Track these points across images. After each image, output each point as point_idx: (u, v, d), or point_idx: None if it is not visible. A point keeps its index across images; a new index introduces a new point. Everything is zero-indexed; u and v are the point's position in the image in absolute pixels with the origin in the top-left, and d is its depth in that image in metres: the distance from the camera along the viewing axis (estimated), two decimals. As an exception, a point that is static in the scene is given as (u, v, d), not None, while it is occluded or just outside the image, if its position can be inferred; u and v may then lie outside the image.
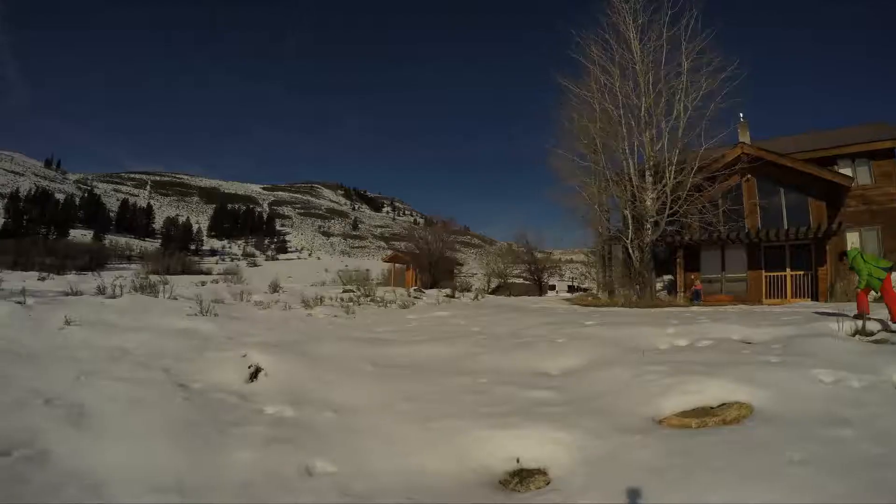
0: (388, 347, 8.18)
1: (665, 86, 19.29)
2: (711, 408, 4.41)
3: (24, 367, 6.62)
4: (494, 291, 37.69)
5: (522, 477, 3.74)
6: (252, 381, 6.58)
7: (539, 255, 43.38)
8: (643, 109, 19.43)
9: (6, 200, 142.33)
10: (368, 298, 17.26)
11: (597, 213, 22.34)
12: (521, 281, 43.49)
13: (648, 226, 19.43)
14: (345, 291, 19.35)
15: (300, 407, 5.45)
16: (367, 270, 37.55)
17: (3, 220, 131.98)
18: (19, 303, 9.97)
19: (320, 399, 5.71)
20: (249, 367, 6.85)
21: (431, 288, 28.70)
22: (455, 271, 41.68)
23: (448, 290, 23.57)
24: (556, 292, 40.77)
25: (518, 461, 3.93)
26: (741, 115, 22.65)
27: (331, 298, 16.36)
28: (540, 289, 40.50)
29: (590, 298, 21.02)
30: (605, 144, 20.90)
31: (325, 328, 10.82)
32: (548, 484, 3.60)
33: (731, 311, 12.19)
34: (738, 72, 18.39)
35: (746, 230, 20.29)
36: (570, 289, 46.63)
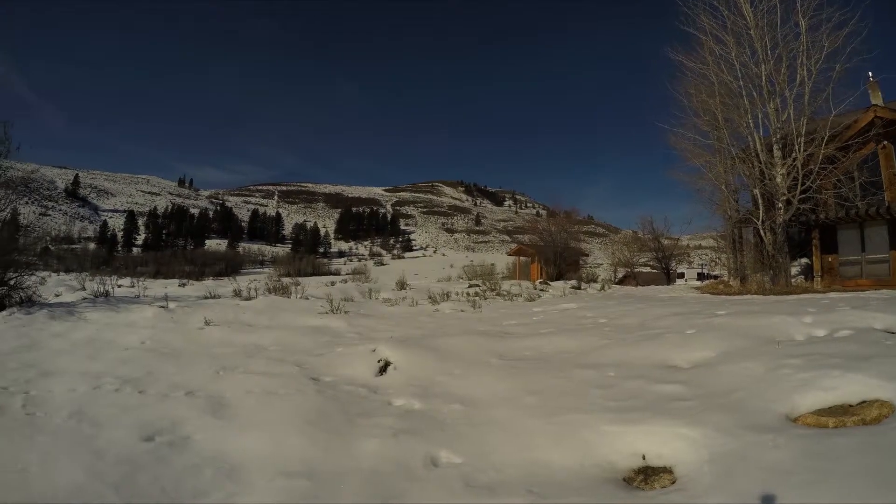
0: (514, 341, 8.17)
1: (784, 49, 17.73)
2: (850, 406, 4.08)
3: (167, 364, 7.11)
4: (621, 281, 37.00)
5: (647, 475, 3.63)
6: (381, 374, 6.77)
7: (666, 242, 41.97)
8: (764, 78, 18.00)
9: (146, 218, 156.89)
10: (494, 292, 17.31)
11: (724, 194, 20.71)
12: (647, 270, 42.46)
13: (780, 205, 17.94)
14: (470, 286, 19.50)
15: (427, 399, 5.54)
16: (492, 265, 37.55)
17: (145, 235, 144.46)
18: (162, 307, 10.72)
19: (447, 392, 5.77)
20: (379, 362, 7.05)
21: (557, 280, 28.49)
22: (580, 262, 40.96)
23: (574, 282, 23.37)
24: (685, 280, 39.50)
25: (644, 458, 3.83)
26: (870, 73, 20.99)
27: (457, 294, 16.51)
28: (668, 277, 39.30)
29: (720, 286, 19.98)
30: (726, 119, 19.49)
31: (452, 323, 10.94)
32: (673, 483, 3.47)
33: (872, 296, 11.35)
34: (860, 25, 16.60)
35: (886, 204, 18.40)
36: (700, 276, 44.96)
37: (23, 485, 3.70)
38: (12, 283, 11.12)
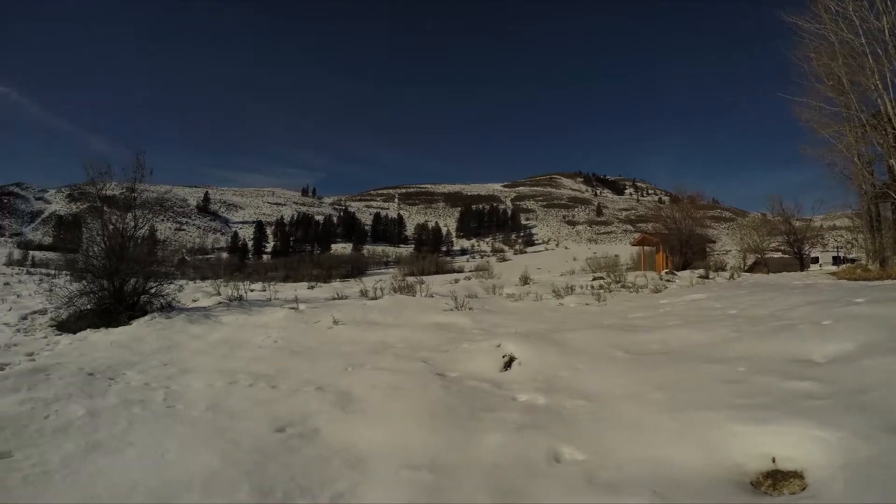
0: (640, 334, 7.97)
1: (906, -4, 15.88)
2: None
3: (298, 361, 7.46)
4: (751, 269, 35.38)
5: (776, 479, 3.43)
6: (505, 370, 6.81)
7: (797, 224, 39.58)
8: (886, 31, 16.28)
9: (273, 227, 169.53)
10: (619, 284, 16.98)
11: (857, 167, 18.88)
12: (778, 255, 40.38)
13: (918, 175, 16.21)
14: (594, 279, 19.25)
15: (551, 394, 5.53)
16: (616, 256, 36.91)
17: (273, 242, 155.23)
18: (293, 308, 11.22)
19: (571, 387, 5.73)
20: (503, 357, 7.08)
21: (683, 269, 27.61)
22: (707, 249, 39.43)
23: (701, 271, 22.58)
24: (820, 265, 37.40)
25: (773, 461, 3.60)
26: None
27: (581, 287, 16.36)
28: (801, 262, 37.18)
29: (858, 271, 18.51)
30: (852, 82, 17.75)
31: (577, 316, 10.84)
32: (803, 489, 3.25)
33: None
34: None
35: None
36: (835, 260, 42.27)
37: (160, 469, 4.08)
38: (153, 291, 12.37)
